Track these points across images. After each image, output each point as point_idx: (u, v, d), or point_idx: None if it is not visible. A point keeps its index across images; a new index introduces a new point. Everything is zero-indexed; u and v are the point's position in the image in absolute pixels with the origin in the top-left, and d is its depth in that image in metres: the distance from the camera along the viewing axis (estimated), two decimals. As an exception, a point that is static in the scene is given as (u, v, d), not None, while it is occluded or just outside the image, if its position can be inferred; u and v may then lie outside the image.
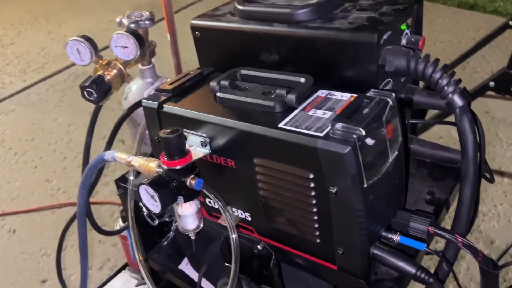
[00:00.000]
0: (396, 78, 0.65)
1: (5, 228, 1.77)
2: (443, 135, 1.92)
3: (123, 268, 1.36)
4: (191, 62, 0.83)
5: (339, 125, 0.50)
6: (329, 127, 0.51)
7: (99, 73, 0.75)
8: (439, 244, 1.48)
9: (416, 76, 0.58)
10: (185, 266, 0.96)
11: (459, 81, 0.56)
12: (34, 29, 3.19)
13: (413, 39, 0.64)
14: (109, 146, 0.77)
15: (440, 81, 0.56)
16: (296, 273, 0.69)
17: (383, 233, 0.57)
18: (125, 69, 0.78)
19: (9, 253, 1.66)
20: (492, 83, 1.63)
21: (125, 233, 1.24)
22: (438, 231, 0.58)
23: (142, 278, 1.33)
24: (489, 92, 1.71)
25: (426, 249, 0.57)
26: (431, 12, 3.16)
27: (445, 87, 0.56)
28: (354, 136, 0.48)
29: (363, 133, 0.49)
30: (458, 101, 0.56)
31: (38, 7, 3.51)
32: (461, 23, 3.05)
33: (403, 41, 0.64)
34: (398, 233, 0.58)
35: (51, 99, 2.49)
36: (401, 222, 0.59)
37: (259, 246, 0.65)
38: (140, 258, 0.81)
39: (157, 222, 0.94)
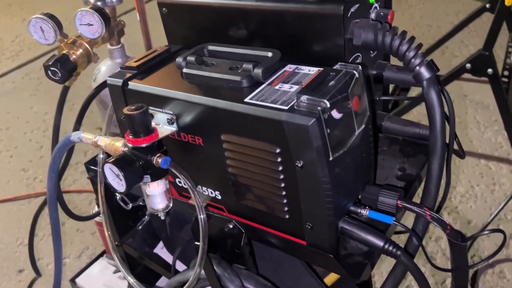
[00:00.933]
0: (366, 53, 0.65)
1: (-20, 218, 1.74)
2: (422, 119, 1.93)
3: (101, 255, 1.34)
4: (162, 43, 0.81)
5: (304, 98, 0.49)
6: (295, 100, 0.50)
7: (64, 52, 0.73)
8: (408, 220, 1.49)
9: (383, 49, 0.57)
10: (160, 250, 0.95)
11: (426, 53, 0.56)
12: (8, 16, 3.10)
13: (382, 13, 0.63)
14: (77, 126, 0.75)
15: (407, 53, 0.56)
16: (269, 252, 0.69)
17: (352, 208, 0.57)
18: (91, 48, 0.75)
19: (-15, 243, 1.64)
20: (468, 65, 1.64)
21: (101, 219, 1.22)
22: (406, 205, 0.58)
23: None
24: (467, 76, 1.73)
25: (394, 222, 0.57)
26: (411, -3, 3.17)
27: (412, 59, 0.55)
28: (319, 108, 0.47)
29: (328, 104, 0.48)
30: (425, 73, 0.55)
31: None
32: (441, 8, 3.07)
33: (372, 15, 0.64)
34: (367, 207, 0.58)
35: (26, 87, 2.44)
36: (369, 196, 0.58)
37: (229, 225, 0.64)
38: (113, 242, 0.80)
39: (130, 206, 0.92)
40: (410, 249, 0.61)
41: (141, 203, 0.96)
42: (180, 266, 0.86)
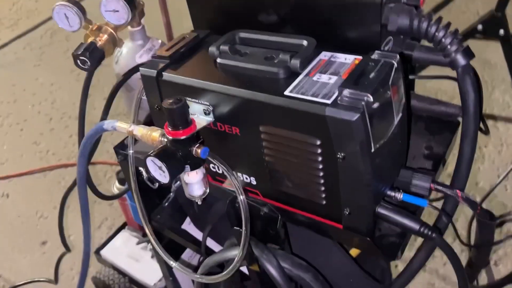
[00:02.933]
0: (398, 36, 0.65)
1: (-2, 193, 1.77)
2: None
3: (122, 227, 1.39)
4: (180, 21, 0.80)
5: (346, 91, 0.50)
6: (336, 93, 0.51)
7: (90, 39, 0.72)
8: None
9: (418, 35, 0.57)
10: (188, 226, 0.98)
11: (463, 39, 0.56)
12: (2, -18, 3.01)
13: (414, -4, 0.63)
14: (105, 114, 0.76)
15: (443, 40, 0.56)
16: (297, 230, 0.72)
17: (388, 192, 0.59)
18: (116, 34, 0.75)
19: (5, 217, 1.67)
20: (480, 27, 1.62)
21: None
22: (439, 187, 0.60)
23: (142, 236, 1.36)
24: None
25: (429, 204, 0.59)
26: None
27: (448, 46, 0.56)
28: (363, 103, 0.48)
29: (371, 99, 0.49)
30: (461, 60, 0.56)
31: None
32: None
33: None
34: (401, 191, 0.60)
35: (29, 58, 2.41)
36: (403, 180, 0.60)
37: (265, 208, 0.66)
38: (145, 220, 0.82)
39: (157, 185, 0.95)
40: (440, 228, 0.64)
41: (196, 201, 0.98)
42: (209, 242, 0.90)
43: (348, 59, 0.57)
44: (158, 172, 0.59)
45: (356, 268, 0.74)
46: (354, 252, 0.80)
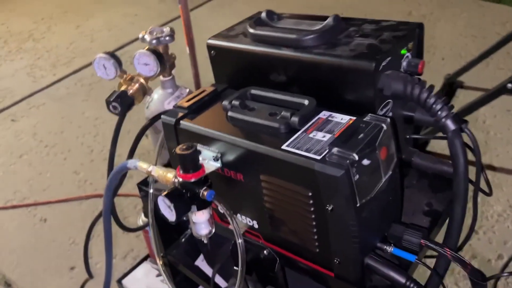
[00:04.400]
0: (397, 98, 0.70)
1: (37, 217, 1.89)
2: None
3: (145, 259, 1.45)
4: (207, 72, 0.88)
5: (335, 150, 0.55)
6: (327, 151, 0.56)
7: (123, 88, 0.82)
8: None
9: (412, 100, 0.62)
10: (201, 262, 1.03)
11: (452, 106, 0.61)
12: (64, 23, 3.30)
13: (413, 63, 0.68)
14: (131, 154, 0.84)
15: (434, 106, 0.60)
16: (300, 277, 0.75)
17: (378, 244, 0.63)
18: (147, 83, 0.84)
19: (41, 240, 1.78)
20: (510, 85, 1.62)
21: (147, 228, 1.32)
22: (429, 244, 0.62)
23: (163, 269, 1.41)
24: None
25: (416, 261, 0.62)
26: (456, 5, 3.12)
27: (439, 112, 0.60)
28: (348, 161, 0.53)
29: (356, 158, 0.54)
30: (450, 125, 0.60)
31: (67, 1, 3.63)
32: (487, 17, 3.00)
33: (404, 64, 0.69)
34: (392, 244, 0.63)
35: (79, 93, 2.60)
36: (395, 234, 0.64)
37: (265, 252, 0.71)
38: (158, 254, 0.88)
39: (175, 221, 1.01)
40: (431, 287, 0.66)
41: (184, 218, 1.04)
42: (218, 279, 0.94)
43: (343, 119, 0.62)
44: (167, 210, 0.65)
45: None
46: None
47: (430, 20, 2.98)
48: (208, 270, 1.01)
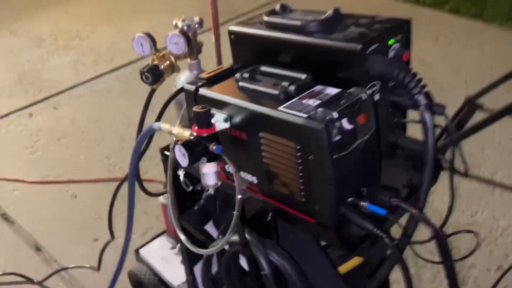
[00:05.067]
0: (385, 83, 0.81)
1: (69, 193, 2.07)
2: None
3: (162, 233, 1.59)
4: (228, 59, 1.03)
5: (320, 109, 0.68)
6: (313, 111, 0.69)
7: (155, 62, 0.97)
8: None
9: (391, 78, 0.74)
10: (210, 228, 1.16)
11: (425, 85, 0.72)
12: (108, 26, 3.56)
13: (399, 53, 0.80)
14: (158, 119, 0.99)
15: (409, 84, 0.72)
16: (296, 236, 0.87)
17: (355, 199, 0.74)
18: (175, 61, 0.99)
19: (70, 214, 1.96)
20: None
21: (165, 203, 1.45)
22: (399, 203, 0.73)
23: (176, 242, 1.54)
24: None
25: (387, 216, 0.73)
26: (484, 34, 3.18)
27: (413, 89, 0.72)
28: (328, 117, 0.66)
29: (335, 116, 0.66)
30: (421, 100, 0.71)
31: (113, 7, 3.90)
32: (514, 46, 3.05)
33: (391, 54, 0.81)
34: (367, 201, 0.74)
35: (116, 88, 2.81)
36: (371, 192, 0.75)
37: (261, 204, 0.83)
38: (175, 216, 1.01)
39: (191, 188, 1.14)
40: (401, 242, 0.76)
41: (199, 188, 1.18)
42: (223, 240, 1.06)
43: (333, 91, 0.75)
44: (182, 158, 0.79)
45: (335, 273, 0.87)
46: (344, 268, 0.93)
47: (456, 46, 3.06)
48: (215, 234, 1.14)
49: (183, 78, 1.13)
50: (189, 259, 1.25)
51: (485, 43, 3.08)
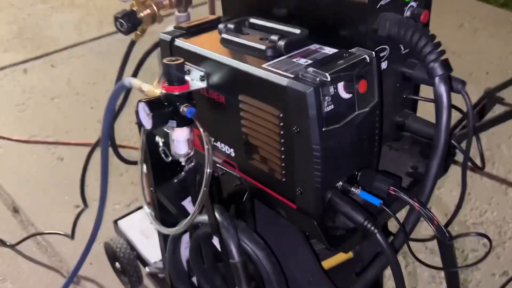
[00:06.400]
0: (396, 48, 0.68)
1: (55, 155, 1.97)
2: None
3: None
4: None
5: (310, 69, 0.54)
6: (303, 71, 0.55)
7: (134, 8, 0.84)
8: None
9: (404, 41, 0.60)
10: (188, 204, 1.04)
11: (443, 52, 0.58)
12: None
13: (416, 12, 0.66)
14: (134, 75, 0.86)
15: (424, 48, 0.58)
16: (276, 219, 0.75)
17: (345, 184, 0.61)
18: (158, 10, 0.86)
19: (54, 177, 1.85)
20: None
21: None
22: (398, 193, 0.60)
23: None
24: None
25: (381, 206, 0.60)
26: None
27: (428, 55, 0.58)
28: (318, 79, 0.52)
29: (328, 78, 0.53)
30: (438, 69, 0.58)
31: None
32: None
33: (407, 13, 0.66)
34: (359, 187, 0.61)
35: (118, 52, 2.63)
36: (365, 178, 0.62)
37: (237, 181, 0.71)
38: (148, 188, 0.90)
39: (170, 159, 1.02)
40: (397, 240, 0.64)
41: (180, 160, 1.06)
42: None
43: (331, 51, 0.61)
44: (146, 118, 0.66)
45: (318, 268, 0.75)
46: (329, 263, 0.81)
47: (481, 35, 2.87)
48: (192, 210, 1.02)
49: (169, 33, 1.00)
50: (164, 236, 1.14)
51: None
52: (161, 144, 0.95)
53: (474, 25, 2.97)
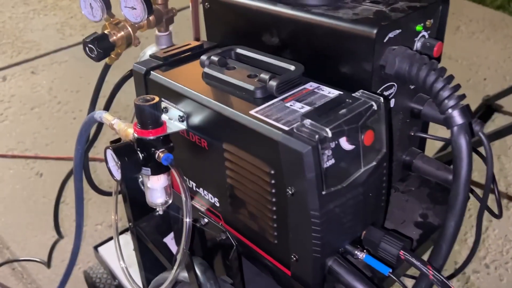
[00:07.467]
0: (403, 84, 0.59)
1: (34, 170, 1.86)
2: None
3: (127, 230, 1.38)
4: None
5: (307, 122, 0.45)
6: (298, 122, 0.46)
7: (106, 31, 0.74)
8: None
9: (416, 82, 0.52)
10: (170, 241, 0.95)
11: (463, 96, 0.50)
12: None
13: (428, 44, 0.57)
14: (106, 107, 0.77)
15: (441, 92, 0.49)
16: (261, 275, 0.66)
17: (348, 247, 0.52)
18: (134, 32, 0.76)
19: (32, 195, 1.74)
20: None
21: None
22: (409, 258, 0.52)
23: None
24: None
25: (391, 275, 0.51)
26: (509, 27, 2.92)
27: (446, 100, 0.49)
28: (317, 136, 0.43)
29: (329, 134, 0.44)
30: (457, 117, 0.49)
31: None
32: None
33: (417, 44, 0.58)
34: (364, 251, 0.52)
35: (103, 56, 2.57)
36: (371, 239, 0.53)
37: (222, 235, 0.62)
38: (115, 217, 0.81)
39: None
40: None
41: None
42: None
43: (331, 93, 0.52)
44: (115, 167, 0.57)
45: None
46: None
47: (478, 38, 2.80)
48: (175, 250, 0.93)
49: (148, 54, 0.90)
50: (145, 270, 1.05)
51: (509, 37, 2.81)
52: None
53: (471, 28, 2.90)
